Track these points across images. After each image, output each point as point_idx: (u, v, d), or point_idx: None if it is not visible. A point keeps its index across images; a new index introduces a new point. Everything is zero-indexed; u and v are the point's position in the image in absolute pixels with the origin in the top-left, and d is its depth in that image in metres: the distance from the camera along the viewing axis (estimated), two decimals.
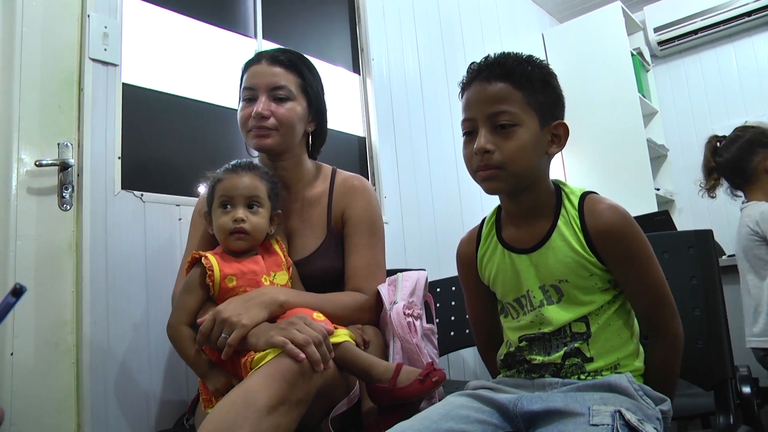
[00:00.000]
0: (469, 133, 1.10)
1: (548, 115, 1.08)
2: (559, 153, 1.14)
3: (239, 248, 1.36)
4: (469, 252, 1.25)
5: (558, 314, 1.07)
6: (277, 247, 1.44)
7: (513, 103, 1.05)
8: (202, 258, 1.32)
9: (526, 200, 1.11)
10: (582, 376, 1.04)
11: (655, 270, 1.06)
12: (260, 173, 1.41)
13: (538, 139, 1.06)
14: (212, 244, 1.46)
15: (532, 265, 1.10)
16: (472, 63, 1.13)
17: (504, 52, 1.12)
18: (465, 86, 1.13)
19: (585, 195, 1.10)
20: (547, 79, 1.10)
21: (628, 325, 1.09)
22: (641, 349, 1.10)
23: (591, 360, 1.04)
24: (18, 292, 0.65)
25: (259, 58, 1.53)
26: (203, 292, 1.32)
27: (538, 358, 1.08)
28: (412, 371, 1.22)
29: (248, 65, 1.54)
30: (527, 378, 1.09)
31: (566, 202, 1.10)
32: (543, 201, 1.12)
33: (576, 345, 1.05)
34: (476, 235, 1.25)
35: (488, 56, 1.11)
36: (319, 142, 1.64)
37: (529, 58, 1.11)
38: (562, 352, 1.05)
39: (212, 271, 1.30)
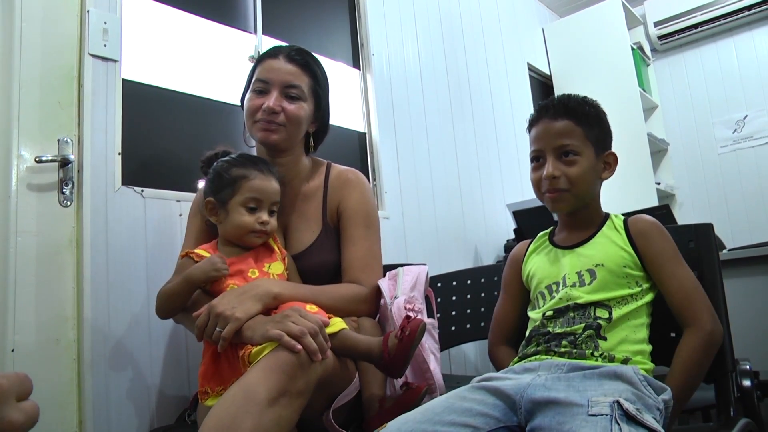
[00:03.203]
0: (537, 160, 1.30)
1: (601, 147, 1.30)
2: None
3: (255, 245, 1.41)
4: (520, 251, 1.43)
5: (586, 294, 1.19)
6: (270, 240, 1.45)
7: (575, 137, 1.26)
8: (194, 256, 1.36)
9: (580, 216, 1.31)
10: (596, 353, 1.11)
11: (685, 268, 1.21)
12: (278, 176, 1.44)
13: (594, 167, 1.28)
14: (207, 239, 1.47)
15: (575, 255, 1.27)
16: (540, 103, 1.35)
17: (566, 95, 1.33)
18: (533, 122, 1.33)
19: (627, 215, 1.32)
20: (601, 116, 1.32)
21: (644, 330, 1.18)
22: (650, 361, 1.16)
23: (605, 339, 1.13)
24: None
25: (276, 53, 1.53)
26: None
27: (560, 330, 1.18)
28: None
29: (264, 58, 1.54)
30: (543, 350, 1.17)
31: (613, 217, 1.32)
32: (594, 217, 1.32)
33: (598, 322, 1.15)
34: (531, 240, 1.44)
35: (552, 98, 1.33)
36: (319, 141, 1.64)
37: (586, 99, 1.32)
38: (582, 325, 1.16)
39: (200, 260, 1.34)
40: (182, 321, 1.45)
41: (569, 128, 1.26)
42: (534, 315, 1.28)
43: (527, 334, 1.26)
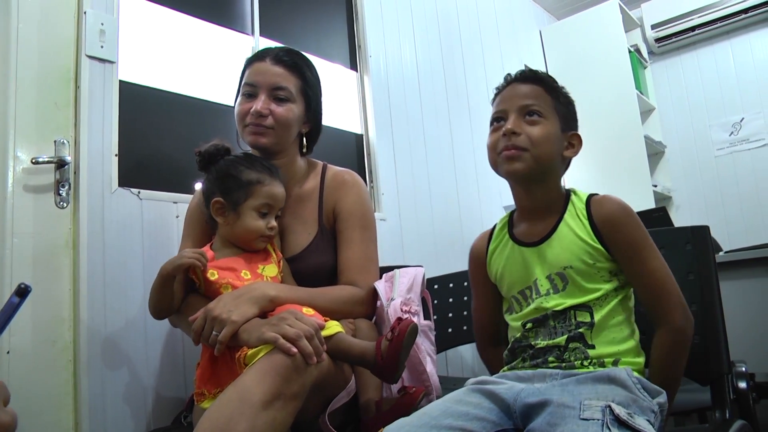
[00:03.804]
0: (498, 123, 1.22)
1: (567, 125, 1.23)
2: None
3: (259, 248, 1.42)
4: (480, 248, 1.34)
5: (562, 299, 1.14)
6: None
7: (542, 102, 1.20)
8: None
9: (539, 195, 1.22)
10: (585, 362, 1.08)
11: (657, 259, 1.14)
12: (283, 180, 1.45)
13: (558, 138, 1.21)
14: (205, 242, 1.47)
15: (540, 256, 1.19)
16: (508, 73, 1.29)
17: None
18: (500, 90, 1.27)
19: (592, 195, 1.22)
20: (570, 101, 1.27)
21: (629, 323, 1.14)
22: (641, 351, 1.14)
23: (593, 347, 1.09)
24: (23, 292, 0.63)
25: (263, 55, 1.52)
26: (187, 279, 1.37)
27: (542, 342, 1.13)
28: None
29: (252, 61, 1.54)
30: (531, 366, 1.12)
31: (574, 199, 1.22)
32: (554, 199, 1.23)
33: (579, 330, 1.10)
34: (489, 233, 1.34)
35: (525, 69, 1.28)
36: (312, 142, 1.64)
37: (557, 81, 1.27)
38: (565, 336, 1.10)
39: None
40: (179, 324, 1.45)
41: (538, 92, 1.21)
42: (513, 323, 1.22)
43: (510, 344, 1.22)
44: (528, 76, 1.24)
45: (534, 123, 1.18)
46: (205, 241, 1.48)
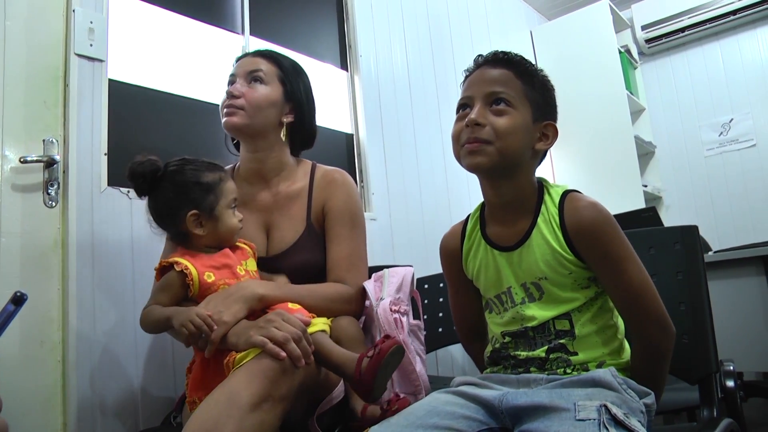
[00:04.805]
0: (464, 110, 1.12)
1: (540, 114, 1.11)
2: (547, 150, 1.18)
3: (235, 243, 1.42)
4: (453, 246, 1.26)
5: (539, 312, 1.08)
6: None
7: (511, 88, 1.09)
8: (174, 264, 1.31)
9: (507, 191, 1.13)
10: (568, 370, 1.04)
11: (634, 270, 1.05)
12: None
13: (528, 129, 1.09)
14: None
15: (513, 263, 1.12)
16: (479, 54, 1.18)
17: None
18: (469, 73, 1.16)
19: (566, 193, 1.12)
20: (547, 85, 1.15)
21: (611, 323, 1.10)
22: (626, 344, 1.12)
23: (575, 354, 1.05)
24: (19, 300, 0.63)
25: (245, 54, 1.58)
26: (181, 291, 1.31)
27: (523, 354, 1.09)
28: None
29: (237, 60, 1.59)
30: (513, 373, 1.10)
31: (547, 199, 1.12)
32: (525, 196, 1.13)
33: (560, 341, 1.06)
34: (461, 230, 1.26)
35: (496, 51, 1.16)
36: (298, 140, 1.63)
37: (535, 65, 1.16)
38: (545, 348, 1.07)
39: (188, 271, 1.29)
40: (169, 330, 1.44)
41: (507, 77, 1.09)
42: (492, 325, 1.17)
43: (489, 351, 1.18)
44: (499, 58, 1.13)
45: (500, 113, 1.07)
46: None
